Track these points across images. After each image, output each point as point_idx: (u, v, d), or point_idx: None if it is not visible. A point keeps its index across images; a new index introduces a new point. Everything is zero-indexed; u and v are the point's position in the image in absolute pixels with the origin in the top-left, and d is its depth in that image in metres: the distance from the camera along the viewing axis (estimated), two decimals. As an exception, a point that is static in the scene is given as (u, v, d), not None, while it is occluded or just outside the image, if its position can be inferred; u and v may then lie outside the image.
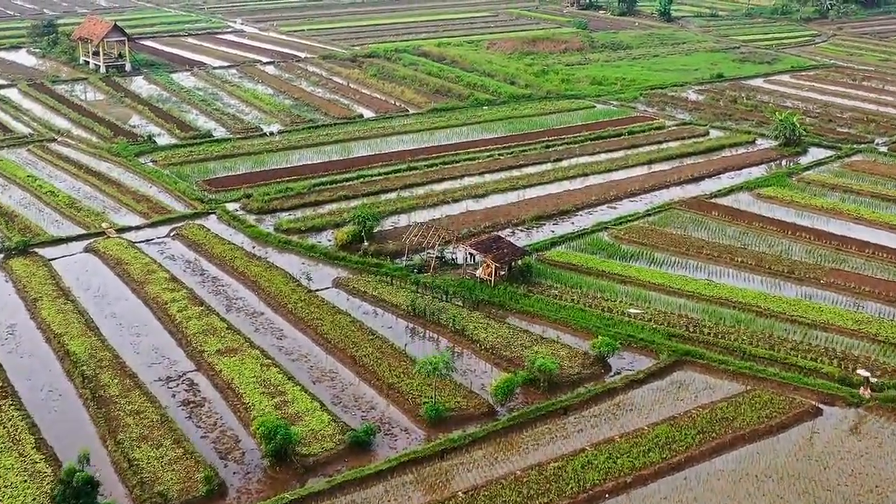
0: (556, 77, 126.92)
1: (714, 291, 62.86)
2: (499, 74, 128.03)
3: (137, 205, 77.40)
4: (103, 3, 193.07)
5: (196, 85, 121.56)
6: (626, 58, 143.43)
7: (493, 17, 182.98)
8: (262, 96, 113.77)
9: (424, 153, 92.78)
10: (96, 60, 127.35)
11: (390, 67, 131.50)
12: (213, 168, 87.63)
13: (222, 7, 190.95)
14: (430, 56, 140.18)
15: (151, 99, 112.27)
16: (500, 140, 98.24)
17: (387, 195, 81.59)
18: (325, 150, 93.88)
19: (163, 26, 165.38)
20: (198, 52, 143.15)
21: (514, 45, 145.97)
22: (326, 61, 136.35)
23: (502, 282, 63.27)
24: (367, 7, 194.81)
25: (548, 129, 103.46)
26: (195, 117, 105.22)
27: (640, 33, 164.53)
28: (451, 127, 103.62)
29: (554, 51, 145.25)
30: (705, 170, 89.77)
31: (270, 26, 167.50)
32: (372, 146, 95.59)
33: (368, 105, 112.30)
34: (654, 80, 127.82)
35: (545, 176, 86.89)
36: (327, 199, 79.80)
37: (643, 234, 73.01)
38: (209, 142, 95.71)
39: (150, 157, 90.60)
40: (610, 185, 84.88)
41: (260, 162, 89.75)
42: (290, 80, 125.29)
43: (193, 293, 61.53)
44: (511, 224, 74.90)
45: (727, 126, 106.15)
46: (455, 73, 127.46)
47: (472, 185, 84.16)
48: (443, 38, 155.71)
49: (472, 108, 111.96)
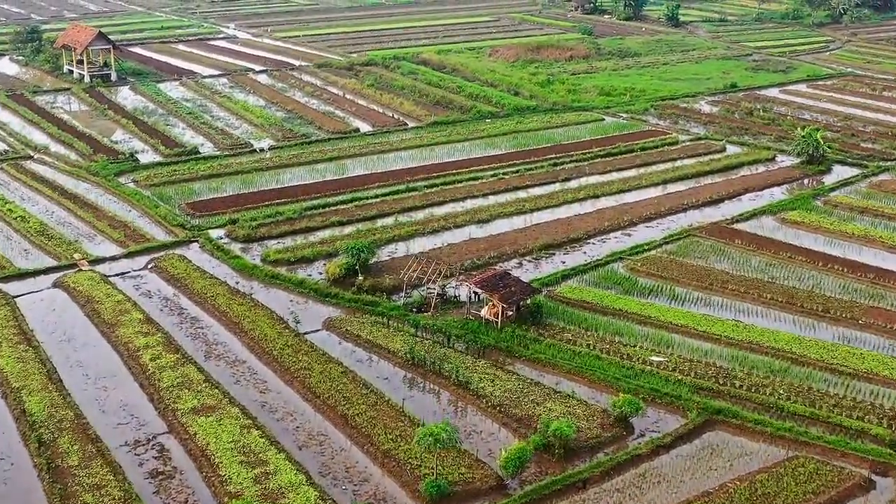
0: (561, 87, 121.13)
1: (743, 334, 57.06)
2: (502, 84, 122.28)
3: (114, 232, 71.54)
4: (92, 8, 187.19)
5: (184, 96, 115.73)
6: (635, 66, 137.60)
7: (495, 22, 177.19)
8: (253, 108, 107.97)
9: (424, 172, 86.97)
10: (80, 69, 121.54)
11: (388, 76, 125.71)
12: (198, 189, 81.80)
13: (215, 12, 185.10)
14: (430, 64, 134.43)
15: (136, 111, 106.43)
16: (505, 157, 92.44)
17: (384, 220, 75.82)
18: (318, 169, 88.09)
19: (153, 32, 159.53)
20: (188, 59, 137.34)
21: (517, 53, 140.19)
22: (322, 70, 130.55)
23: (510, 323, 57.51)
24: (365, 11, 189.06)
25: (555, 144, 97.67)
26: (181, 132, 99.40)
27: (648, 39, 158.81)
28: (452, 142, 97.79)
29: (559, 58, 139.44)
30: (724, 191, 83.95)
31: (264, 32, 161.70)
32: (368, 164, 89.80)
33: (365, 118, 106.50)
34: (664, 90, 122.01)
35: (553, 198, 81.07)
36: (319, 225, 73.98)
37: (661, 265, 67.21)
38: (195, 159, 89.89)
39: (131, 177, 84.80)
40: (623, 208, 79.08)
41: (248, 182, 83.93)
42: (283, 90, 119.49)
43: (169, 337, 55.71)
44: (518, 254, 69.17)
45: (744, 141, 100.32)
46: (456, 83, 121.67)
47: (476, 208, 78.35)
48: (443, 45, 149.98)
49: (474, 122, 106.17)
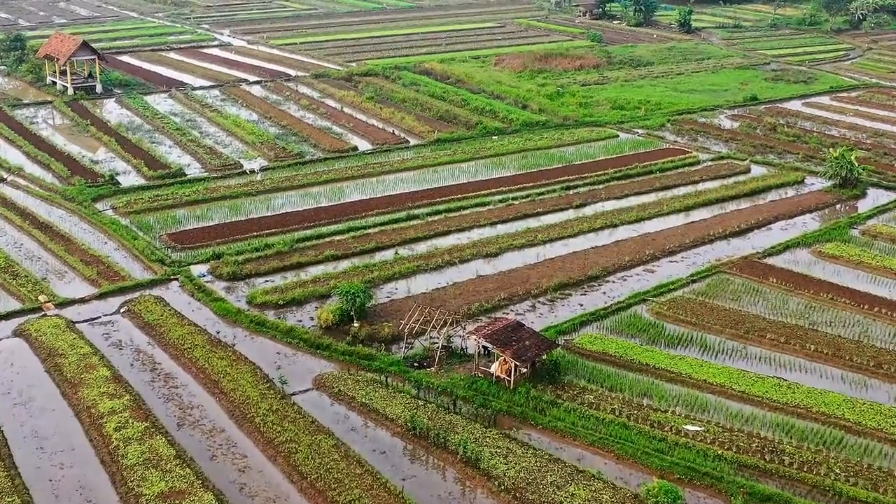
0: (572, 100, 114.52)
1: (788, 396, 50.46)
2: (509, 97, 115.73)
3: (86, 268, 65.00)
4: (83, 13, 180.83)
5: (173, 109, 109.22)
6: (648, 76, 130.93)
7: (501, 29, 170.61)
8: (245, 124, 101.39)
9: (426, 197, 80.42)
10: (63, 81, 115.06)
11: (389, 88, 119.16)
12: (182, 217, 75.30)
13: (210, 17, 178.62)
14: (432, 74, 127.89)
15: (120, 127, 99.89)
16: (514, 179, 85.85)
17: (383, 253, 69.31)
18: (312, 193, 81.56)
19: (144, 39, 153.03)
20: (179, 69, 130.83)
21: (524, 62, 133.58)
22: (319, 80, 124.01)
23: (524, 382, 50.97)
24: (365, 17, 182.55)
25: (567, 164, 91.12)
26: (167, 150, 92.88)
27: (660, 47, 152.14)
28: (456, 162, 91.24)
29: (568, 68, 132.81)
30: (752, 219, 77.29)
31: (260, 39, 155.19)
32: (367, 187, 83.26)
33: (364, 134, 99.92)
34: (680, 103, 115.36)
35: (567, 227, 74.47)
36: (312, 260, 67.45)
37: (690, 308, 60.62)
38: (180, 182, 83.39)
39: (110, 202, 78.39)
40: (643, 239, 72.49)
41: (236, 209, 77.41)
42: (277, 103, 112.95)
43: (139, 400, 49.18)
44: (530, 294, 62.62)
45: (770, 161, 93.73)
46: (461, 96, 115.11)
47: (483, 239, 71.78)
48: (446, 54, 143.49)
49: (480, 139, 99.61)
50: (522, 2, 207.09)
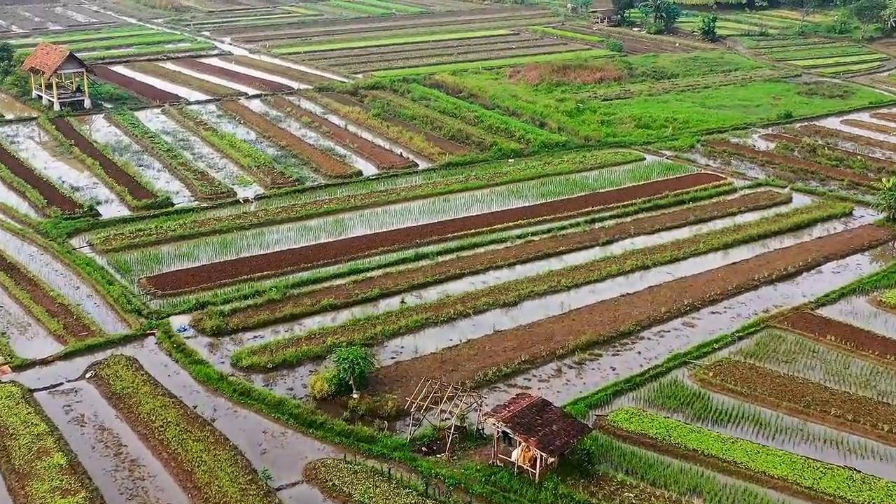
0: (593, 117, 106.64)
1: (865, 495, 42.60)
2: (525, 113, 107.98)
3: (52, 321, 57.53)
4: (80, 20, 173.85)
5: (165, 127, 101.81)
6: (673, 90, 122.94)
7: (515, 37, 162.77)
8: (240, 145, 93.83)
9: (436, 232, 72.77)
10: (50, 95, 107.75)
11: (397, 103, 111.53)
12: (165, 256, 67.78)
13: (211, 24, 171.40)
14: (444, 87, 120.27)
15: (107, 148, 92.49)
16: (533, 210, 78.10)
17: (388, 301, 61.68)
18: (310, 227, 73.99)
19: (140, 48, 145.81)
20: (175, 81, 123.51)
21: (540, 74, 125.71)
22: (322, 94, 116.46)
23: (551, 475, 43.21)
24: (373, 23, 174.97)
25: (590, 192, 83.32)
26: (155, 175, 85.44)
27: (684, 56, 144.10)
28: (469, 189, 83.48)
29: (588, 81, 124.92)
30: (800, 259, 69.32)
31: (262, 48, 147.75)
32: (371, 220, 75.67)
33: (370, 156, 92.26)
34: (710, 120, 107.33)
35: (594, 269, 66.66)
36: (307, 311, 59.83)
37: (738, 374, 52.79)
38: (166, 214, 75.93)
39: (87, 237, 71.04)
40: (680, 285, 64.65)
41: (226, 246, 69.87)
42: (277, 119, 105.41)
43: (96, 497, 41.58)
44: (555, 355, 54.93)
45: (812, 189, 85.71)
46: (474, 112, 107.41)
47: (500, 285, 64.02)
48: (458, 64, 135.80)
49: (495, 162, 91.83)
50: (537, 7, 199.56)
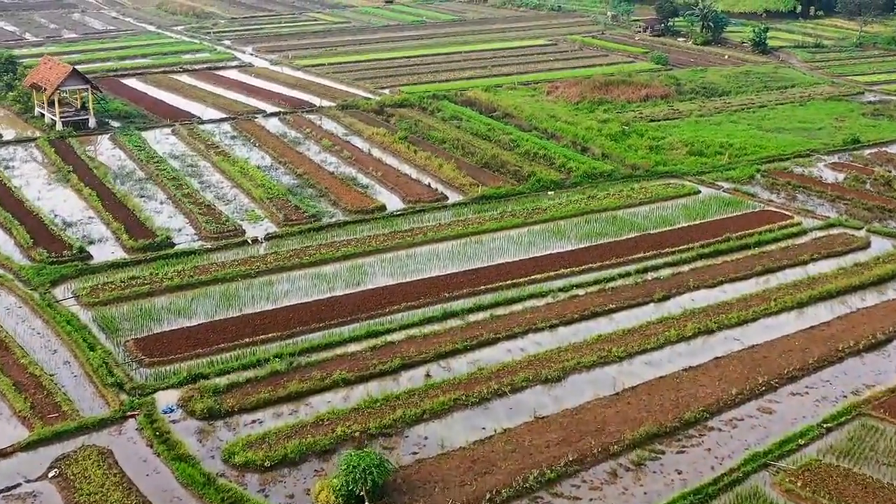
0: (640, 142, 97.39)
1: None
2: (565, 136, 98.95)
3: (19, 398, 49.40)
4: (97, 27, 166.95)
5: (173, 150, 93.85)
6: (725, 109, 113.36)
7: (552, 47, 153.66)
8: (253, 173, 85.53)
9: (468, 282, 64.02)
10: (52, 114, 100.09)
11: (426, 124, 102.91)
12: (159, 311, 59.53)
13: (232, 32, 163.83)
14: (476, 105, 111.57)
15: (107, 176, 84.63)
16: (576, 256, 69.11)
17: (410, 374, 53.03)
18: (325, 275, 65.47)
19: (156, 58, 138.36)
20: (189, 96, 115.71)
21: (581, 91, 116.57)
22: (346, 113, 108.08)
23: None
24: (403, 32, 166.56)
25: (641, 233, 74.21)
26: (157, 208, 77.41)
27: (734, 71, 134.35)
28: (504, 229, 74.67)
29: (632, 99, 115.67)
30: (889, 322, 59.79)
31: (284, 59, 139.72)
32: (394, 267, 67.05)
33: (394, 187, 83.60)
34: (768, 146, 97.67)
35: (649, 334, 57.55)
36: (316, 387, 51.27)
37: (832, 483, 43.52)
38: (165, 257, 67.79)
39: (74, 286, 62.98)
40: (751, 357, 55.39)
41: (228, 298, 61.51)
42: (295, 141, 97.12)
43: None
44: (608, 452, 45.97)
45: (892, 231, 75.98)
46: (509, 134, 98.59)
47: (540, 354, 55.11)
48: (492, 79, 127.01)
49: (533, 195, 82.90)
50: (575, 15, 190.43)
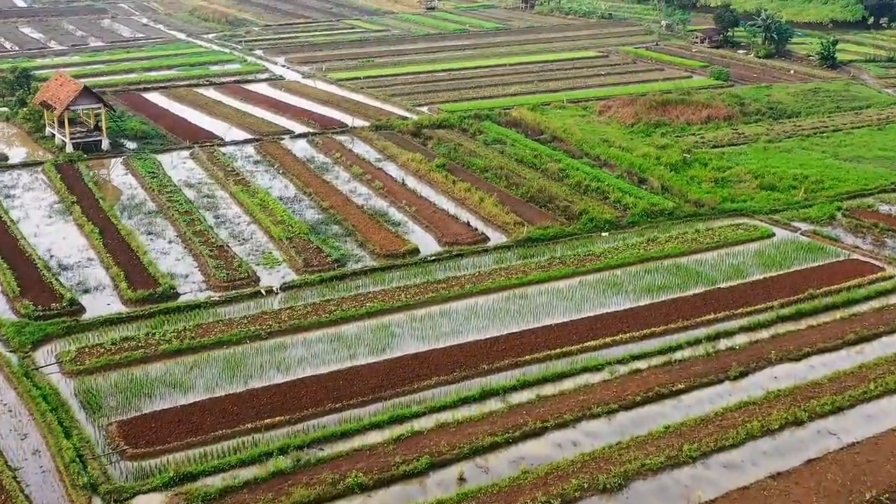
0: (703, 172, 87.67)
1: None
2: (620, 165, 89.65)
3: (-29, 503, 41.26)
4: (125, 34, 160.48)
5: (190, 177, 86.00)
6: (795, 133, 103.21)
7: (604, 59, 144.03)
8: (274, 206, 77.27)
9: (510, 350, 55.12)
10: (63, 134, 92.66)
11: (467, 148, 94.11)
12: (152, 382, 51.41)
13: (265, 41, 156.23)
14: (522, 126, 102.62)
15: (113, 209, 76.91)
16: (636, 317, 59.84)
17: (439, 477, 44.27)
18: (345, 337, 56.91)
19: (182, 70, 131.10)
20: (213, 113, 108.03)
21: (636, 111, 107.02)
22: (379, 134, 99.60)
23: None
24: (444, 42, 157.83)
25: (709, 286, 64.78)
26: (164, 249, 69.42)
27: (802, 88, 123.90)
28: (553, 280, 65.56)
29: (692, 120, 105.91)
30: None
31: (317, 71, 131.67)
32: (425, 328, 58.39)
33: (430, 224, 74.82)
34: (848, 178, 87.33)
35: (726, 425, 48.17)
36: (326, 494, 42.63)
37: None
38: (166, 311, 59.59)
39: (59, 347, 55.08)
40: (853, 460, 45.85)
41: (233, 368, 53.18)
42: (323, 168, 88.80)
43: None
44: None
45: None
46: (558, 161, 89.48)
47: (596, 452, 45.95)
48: (539, 95, 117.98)
49: (584, 236, 73.69)
50: (627, 23, 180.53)
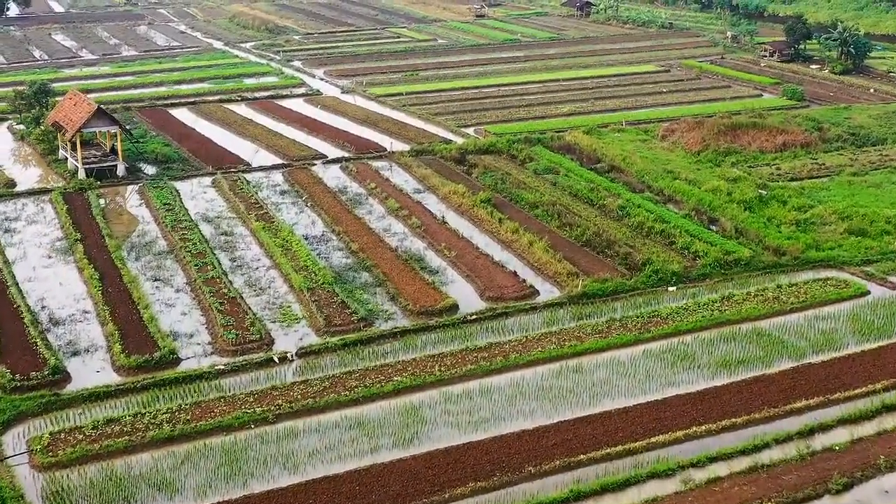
0: (782, 212, 77.58)
1: None
2: (687, 202, 79.96)
3: None
4: (159, 43, 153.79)
5: (209, 209, 78.11)
6: (883, 165, 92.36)
7: (665, 74, 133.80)
8: (297, 247, 68.91)
9: (561, 449, 46.01)
10: (75, 158, 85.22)
11: (515, 179, 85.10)
12: (134, 482, 43.39)
13: (305, 51, 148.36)
14: (576, 153, 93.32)
15: (119, 249, 69.07)
16: (710, 402, 50.38)
17: None
18: (367, 423, 48.25)
19: (215, 83, 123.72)
20: (242, 133, 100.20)
21: (702, 137, 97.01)
22: (420, 161, 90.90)
23: None
24: (494, 53, 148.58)
25: (797, 362, 55.02)
26: (170, 300, 61.44)
27: (884, 109, 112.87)
28: (612, 348, 56.33)
29: (766, 147, 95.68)
30: None
31: (357, 86, 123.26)
32: (461, 411, 49.52)
33: (471, 273, 65.84)
34: (949, 222, 76.66)
35: (831, 564, 38.64)
36: None
37: None
38: (162, 384, 51.35)
39: (33, 428, 47.21)
40: None
41: (231, 462, 44.86)
42: (355, 200, 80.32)
43: None
44: None
45: None
46: (617, 198, 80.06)
47: None
48: (595, 116, 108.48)
49: (648, 291, 64.16)
50: (689, 34, 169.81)
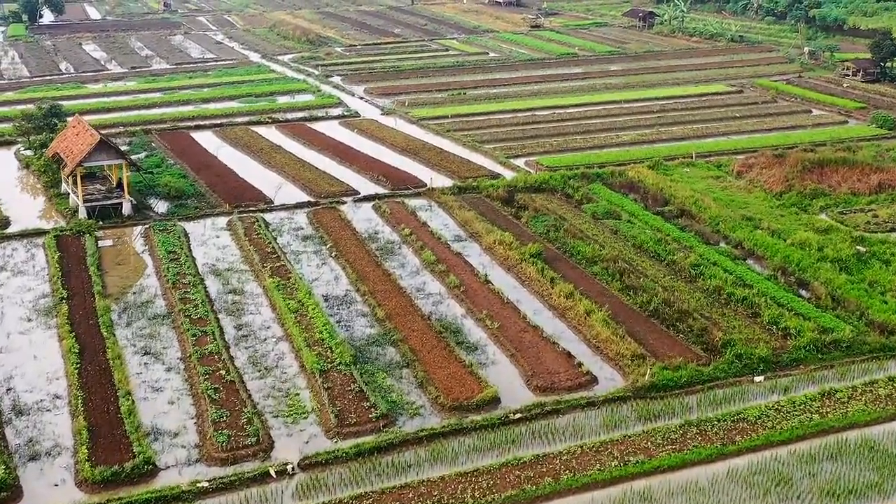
0: (885, 275, 65.96)
1: None
2: (771, 258, 68.55)
3: None
4: (193, 54, 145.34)
5: (219, 258, 68.56)
6: None
7: (738, 96, 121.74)
8: (314, 314, 58.83)
9: None
10: (76, 195, 76.25)
11: (571, 226, 74.39)
12: None
13: (345, 65, 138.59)
14: (640, 192, 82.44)
15: (108, 313, 59.58)
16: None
17: None
18: (379, 578, 37.83)
19: (247, 101, 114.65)
20: (268, 162, 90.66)
21: (784, 176, 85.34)
22: (462, 200, 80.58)
23: None
24: (550, 70, 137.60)
25: (922, 491, 43.56)
26: (157, 383, 51.77)
27: None
28: (688, 465, 45.54)
29: (859, 189, 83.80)
30: None
31: (399, 105, 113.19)
32: (498, 561, 38.81)
33: (516, 352, 55.19)
34: None
35: None
36: None
37: None
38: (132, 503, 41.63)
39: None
40: None
41: None
42: (387, 249, 70.26)
43: None
44: None
45: None
46: (689, 252, 69.00)
47: None
48: (661, 145, 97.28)
49: (729, 381, 53.02)
50: (761, 48, 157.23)
